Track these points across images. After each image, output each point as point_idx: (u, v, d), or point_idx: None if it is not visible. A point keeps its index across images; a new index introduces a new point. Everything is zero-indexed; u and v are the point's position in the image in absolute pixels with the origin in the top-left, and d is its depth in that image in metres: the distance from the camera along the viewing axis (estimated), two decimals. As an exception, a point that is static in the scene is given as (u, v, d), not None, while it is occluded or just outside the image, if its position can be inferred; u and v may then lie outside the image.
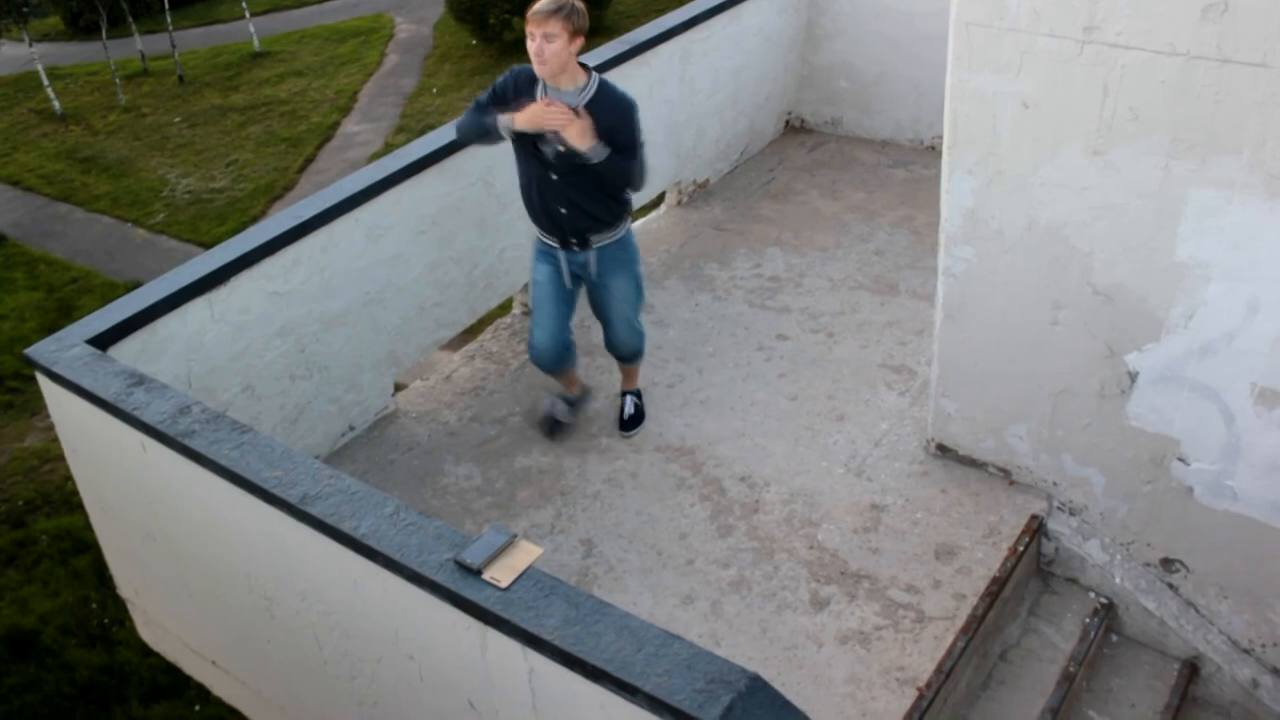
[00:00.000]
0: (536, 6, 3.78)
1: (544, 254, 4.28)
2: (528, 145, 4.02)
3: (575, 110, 3.87)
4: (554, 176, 4.03)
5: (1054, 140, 3.37)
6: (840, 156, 6.66)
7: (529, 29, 3.81)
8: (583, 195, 4.04)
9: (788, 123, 6.99)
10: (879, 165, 6.53)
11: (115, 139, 21.51)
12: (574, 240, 4.16)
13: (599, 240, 4.17)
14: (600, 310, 4.39)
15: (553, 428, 4.60)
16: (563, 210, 4.08)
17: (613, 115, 3.95)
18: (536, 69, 3.89)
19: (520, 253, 5.17)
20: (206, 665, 4.13)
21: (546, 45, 3.80)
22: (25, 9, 23.10)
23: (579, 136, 3.86)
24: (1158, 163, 3.21)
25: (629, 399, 4.66)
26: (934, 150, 6.46)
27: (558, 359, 4.38)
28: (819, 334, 5.09)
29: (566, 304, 4.33)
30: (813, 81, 6.84)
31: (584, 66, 4.00)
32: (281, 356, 4.27)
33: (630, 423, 4.62)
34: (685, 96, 5.95)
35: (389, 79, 22.92)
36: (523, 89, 4.01)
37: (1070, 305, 3.61)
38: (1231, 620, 3.82)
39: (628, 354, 4.52)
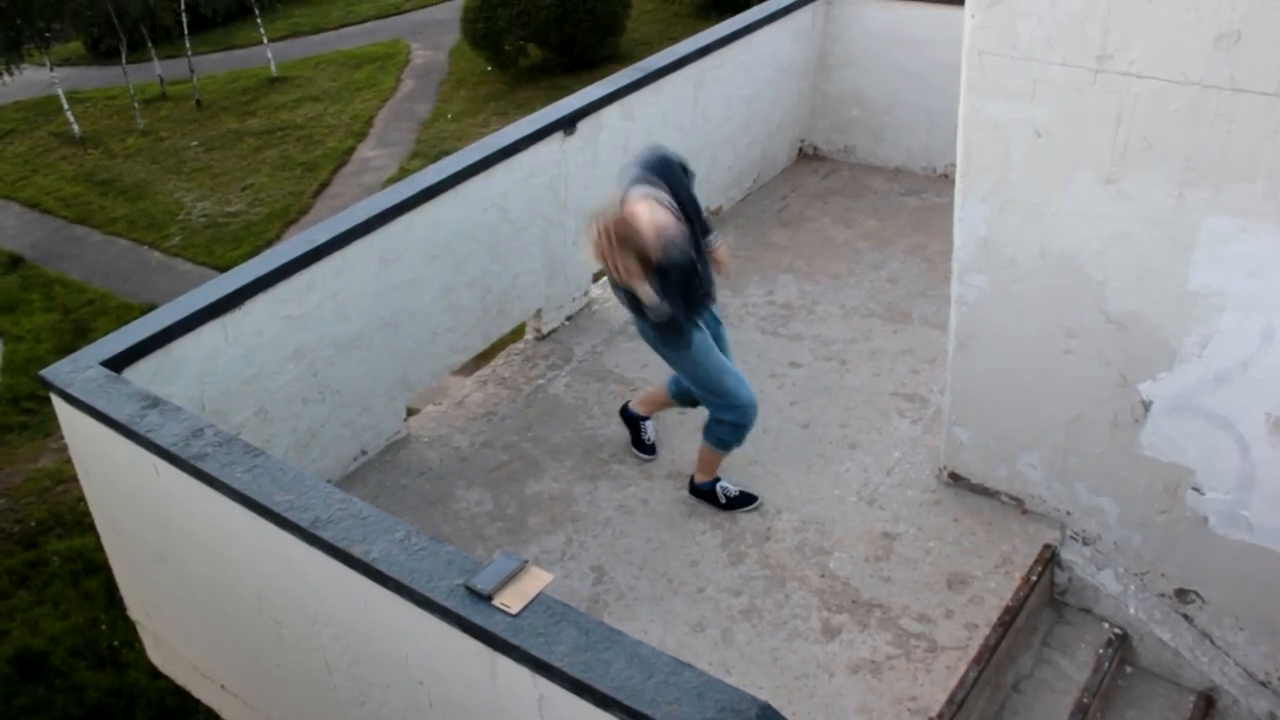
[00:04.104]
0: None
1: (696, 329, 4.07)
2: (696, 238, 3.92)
3: None
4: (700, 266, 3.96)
5: (1067, 168, 3.37)
6: (853, 184, 6.68)
7: None
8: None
9: (800, 150, 7.01)
10: (891, 193, 6.54)
11: (133, 162, 21.68)
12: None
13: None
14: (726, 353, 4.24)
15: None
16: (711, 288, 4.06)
17: None
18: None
19: (533, 278, 5.19)
20: (216, 688, 4.12)
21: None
22: (47, 34, 23.35)
23: None
24: (1171, 191, 3.20)
25: (719, 488, 4.37)
26: (946, 178, 6.46)
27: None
28: (831, 361, 5.08)
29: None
30: (825, 109, 6.87)
31: None
32: (295, 380, 4.29)
33: (742, 500, 4.36)
34: (698, 124, 5.98)
35: (404, 105, 23.06)
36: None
37: (1083, 334, 3.60)
38: (1248, 652, 3.79)
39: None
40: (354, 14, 29.26)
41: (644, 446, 4.61)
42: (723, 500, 4.31)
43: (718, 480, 4.33)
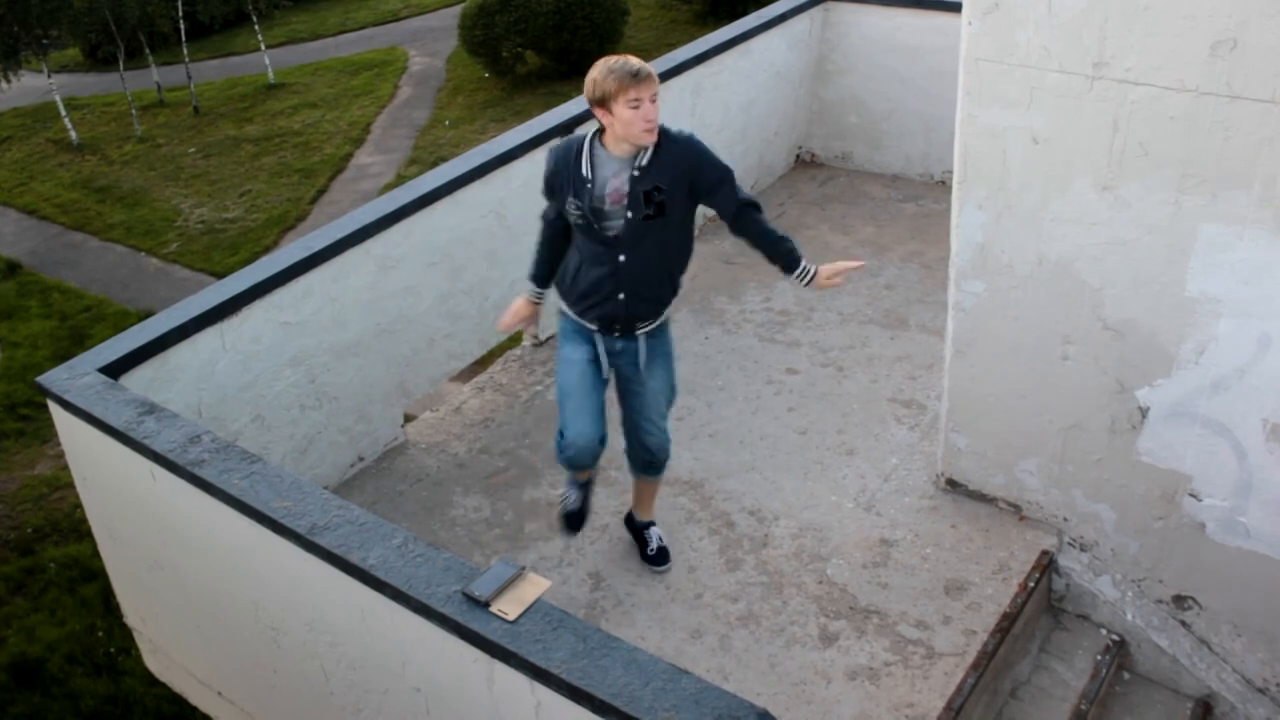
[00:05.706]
0: (638, 69, 3.31)
1: (578, 333, 3.65)
2: (591, 224, 3.46)
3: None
4: (621, 258, 3.47)
5: (1064, 175, 3.38)
6: (850, 191, 6.68)
7: (634, 95, 3.29)
8: (646, 275, 3.52)
9: (798, 157, 7.02)
10: (889, 200, 6.54)
11: (130, 169, 21.70)
12: (619, 327, 3.59)
13: (645, 327, 3.62)
14: (634, 406, 3.78)
15: (578, 522, 4.06)
16: (620, 296, 3.52)
17: (690, 155, 3.51)
18: (645, 136, 3.37)
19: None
20: (212, 696, 4.11)
21: (653, 107, 3.35)
22: (45, 40, 23.37)
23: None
24: (1168, 198, 3.21)
25: (653, 532, 4.10)
26: (944, 185, 6.47)
27: (598, 453, 3.70)
28: (829, 368, 5.09)
29: (602, 389, 3.70)
30: (823, 116, 6.88)
31: None
32: (292, 386, 4.29)
33: (661, 557, 4.08)
34: (696, 130, 5.92)
35: (402, 111, 23.10)
36: (572, 167, 3.48)
37: (1081, 340, 3.61)
38: (1245, 659, 3.79)
39: (658, 457, 3.86)
40: (352, 21, 29.33)
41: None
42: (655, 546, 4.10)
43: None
